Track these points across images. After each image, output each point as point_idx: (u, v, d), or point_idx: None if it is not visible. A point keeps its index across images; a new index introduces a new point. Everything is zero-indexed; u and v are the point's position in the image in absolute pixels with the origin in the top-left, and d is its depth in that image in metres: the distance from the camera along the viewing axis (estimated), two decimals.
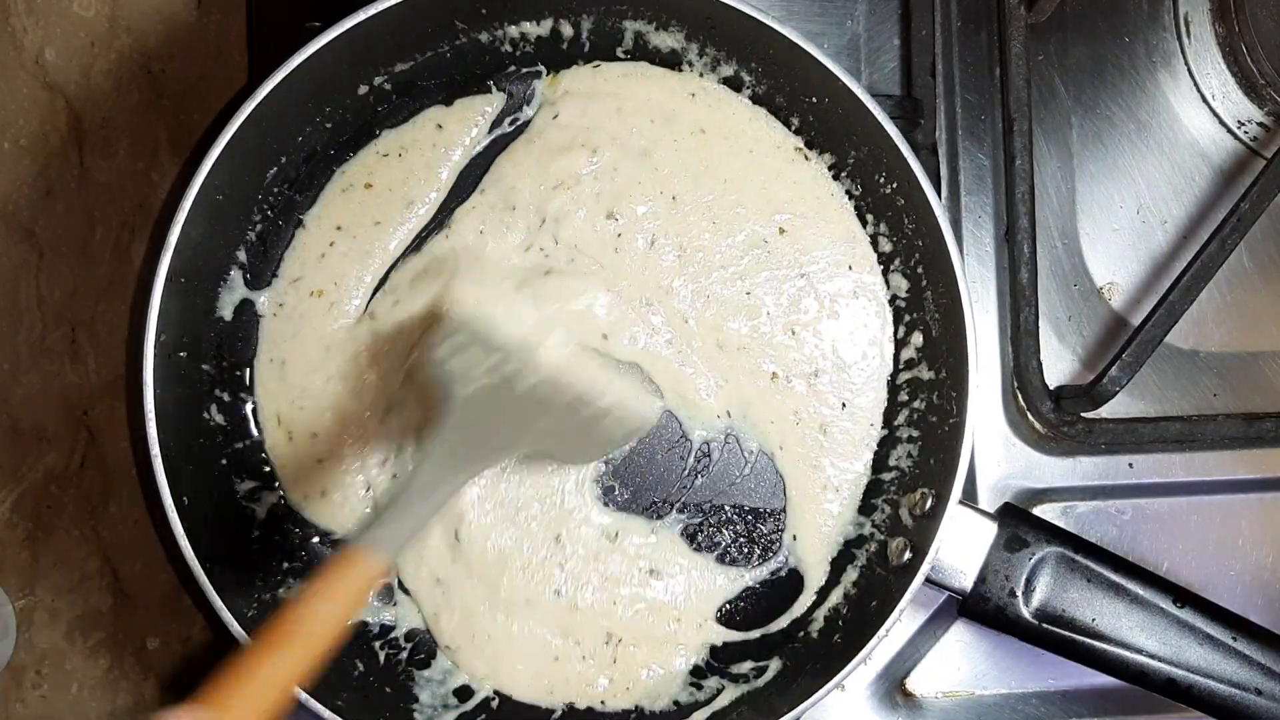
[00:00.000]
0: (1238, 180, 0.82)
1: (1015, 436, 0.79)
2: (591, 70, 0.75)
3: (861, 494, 0.74)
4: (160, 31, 0.79)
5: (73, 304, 0.77)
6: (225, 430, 0.72)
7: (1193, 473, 0.80)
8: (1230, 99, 0.83)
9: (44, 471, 0.77)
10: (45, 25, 0.78)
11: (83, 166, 0.78)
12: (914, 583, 0.65)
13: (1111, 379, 0.73)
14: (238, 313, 0.72)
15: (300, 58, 0.65)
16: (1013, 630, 0.67)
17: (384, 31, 0.68)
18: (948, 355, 0.70)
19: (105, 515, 0.77)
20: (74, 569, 0.76)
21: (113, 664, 0.77)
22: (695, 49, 0.74)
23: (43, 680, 0.76)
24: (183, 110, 0.79)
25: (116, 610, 0.77)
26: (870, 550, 0.73)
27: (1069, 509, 0.79)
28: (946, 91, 0.81)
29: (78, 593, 0.76)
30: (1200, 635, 0.66)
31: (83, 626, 0.76)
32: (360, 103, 0.73)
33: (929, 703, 0.78)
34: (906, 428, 0.73)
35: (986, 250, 0.80)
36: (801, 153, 0.74)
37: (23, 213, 0.77)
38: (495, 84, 0.75)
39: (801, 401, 0.74)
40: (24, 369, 0.77)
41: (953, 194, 0.81)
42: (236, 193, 0.70)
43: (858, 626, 0.69)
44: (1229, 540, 0.80)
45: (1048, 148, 0.81)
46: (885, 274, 0.74)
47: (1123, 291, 0.81)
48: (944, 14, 0.81)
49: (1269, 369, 0.81)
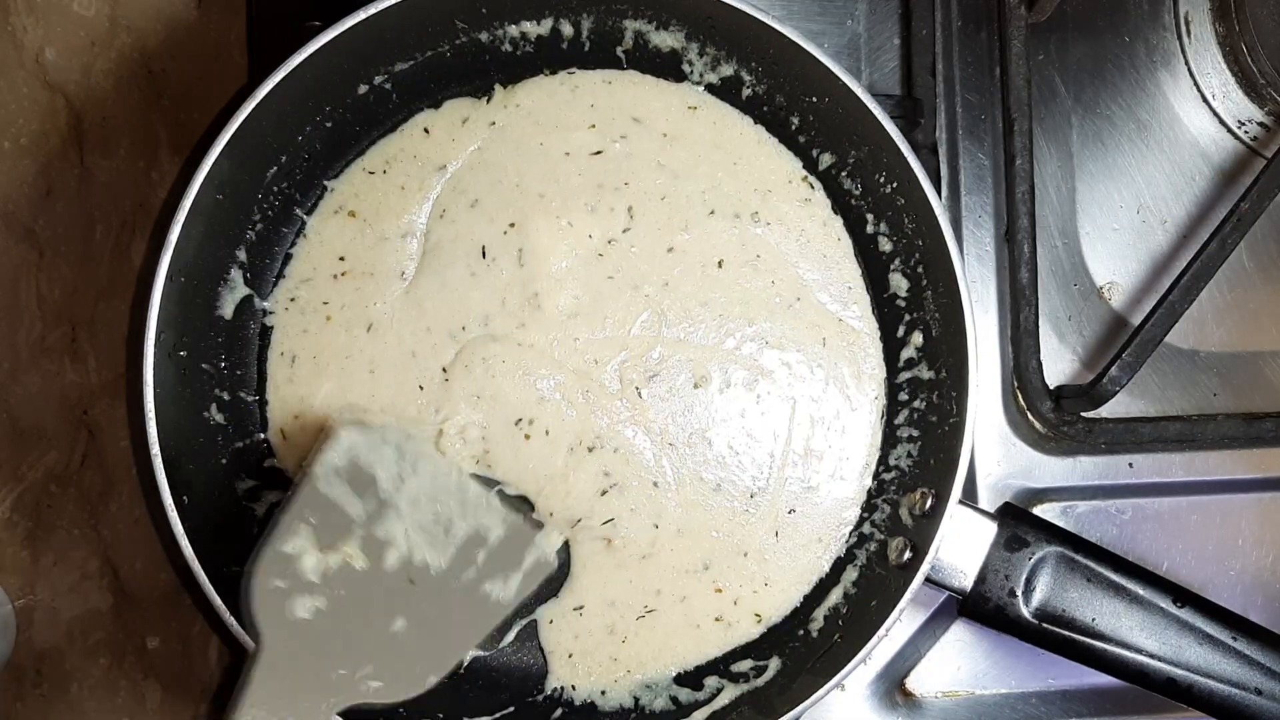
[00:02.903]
0: (1238, 180, 0.82)
1: (1015, 436, 0.79)
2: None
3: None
4: (160, 31, 0.79)
5: (73, 303, 0.77)
6: (225, 429, 0.72)
7: (1193, 472, 0.80)
8: (1230, 99, 0.83)
9: (44, 471, 0.77)
10: (45, 24, 0.78)
11: (83, 166, 0.78)
12: (914, 582, 0.65)
13: (1111, 379, 0.73)
14: (238, 312, 0.72)
15: (300, 57, 0.65)
16: (1012, 630, 0.67)
17: (384, 31, 0.68)
18: (948, 355, 0.70)
19: (105, 514, 0.77)
20: (74, 568, 0.76)
21: (113, 664, 0.77)
22: (695, 48, 0.74)
23: (43, 680, 0.76)
24: (183, 109, 0.79)
25: (116, 610, 0.77)
26: (870, 550, 0.73)
27: (1069, 509, 0.79)
28: (947, 91, 0.81)
29: (78, 592, 0.76)
30: (1200, 635, 0.66)
31: (83, 626, 0.76)
32: (360, 102, 0.73)
33: (929, 702, 0.78)
34: (906, 427, 0.73)
35: (987, 250, 0.80)
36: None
37: (23, 212, 0.77)
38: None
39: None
40: (24, 368, 0.77)
41: (953, 194, 0.81)
42: (237, 192, 0.70)
43: (858, 626, 0.69)
44: (1229, 540, 0.80)
45: (1048, 147, 0.81)
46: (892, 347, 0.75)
47: (1123, 291, 0.81)
48: (944, 13, 0.81)
49: (1269, 369, 0.81)
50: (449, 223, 0.74)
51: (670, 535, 0.73)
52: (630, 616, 0.73)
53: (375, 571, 0.62)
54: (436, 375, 0.73)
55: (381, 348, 0.73)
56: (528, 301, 0.73)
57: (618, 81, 0.75)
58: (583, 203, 0.74)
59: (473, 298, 0.73)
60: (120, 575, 0.77)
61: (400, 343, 0.73)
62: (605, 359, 0.73)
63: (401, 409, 0.72)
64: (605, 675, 0.73)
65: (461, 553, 0.64)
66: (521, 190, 0.74)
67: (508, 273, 0.73)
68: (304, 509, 0.62)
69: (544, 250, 0.73)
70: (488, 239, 0.73)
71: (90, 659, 0.76)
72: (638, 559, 0.73)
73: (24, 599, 0.76)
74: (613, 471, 0.73)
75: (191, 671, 0.77)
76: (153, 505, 0.76)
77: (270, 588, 0.60)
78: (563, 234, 0.73)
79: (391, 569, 0.63)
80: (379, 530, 0.63)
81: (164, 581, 0.77)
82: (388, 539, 0.63)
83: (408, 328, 0.73)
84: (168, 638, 0.77)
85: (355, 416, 0.69)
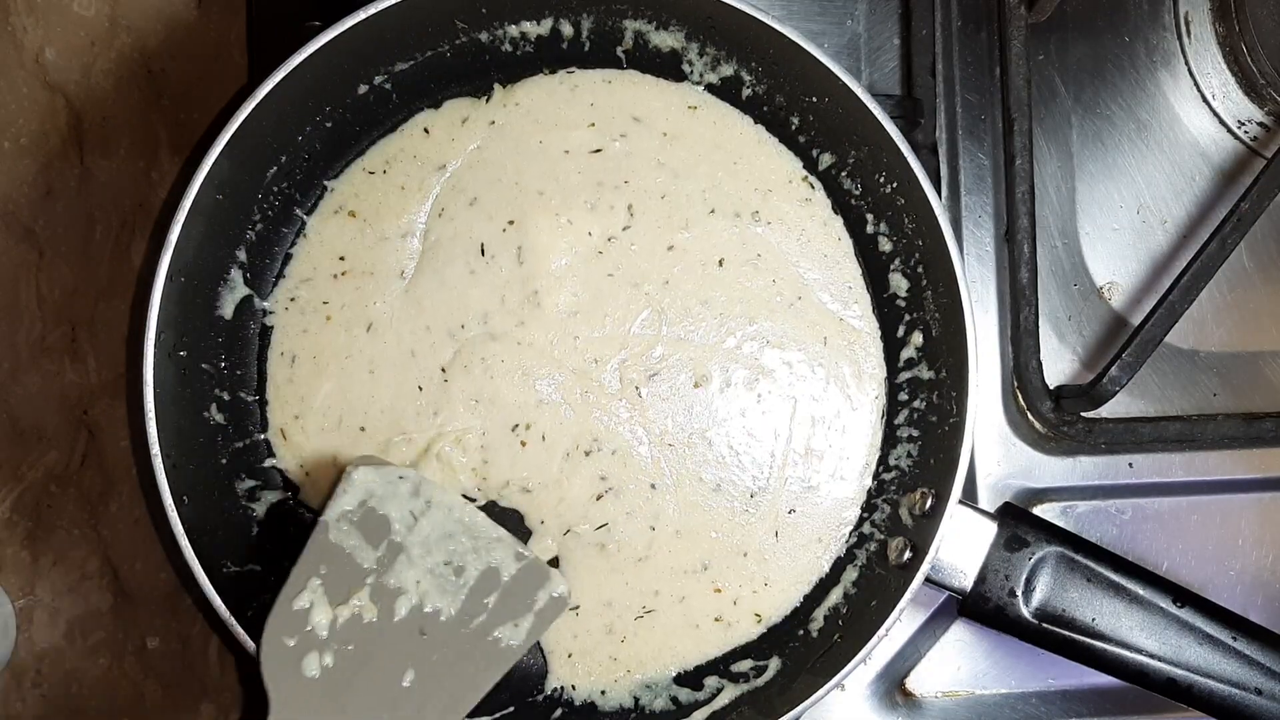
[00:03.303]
0: (1238, 180, 0.82)
1: (1015, 436, 0.79)
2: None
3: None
4: (160, 31, 0.79)
5: (73, 303, 0.77)
6: (225, 429, 0.72)
7: (1193, 472, 0.80)
8: (1230, 99, 0.83)
9: (44, 471, 0.77)
10: (45, 24, 0.78)
11: (83, 166, 0.78)
12: (914, 582, 0.65)
13: (1111, 379, 0.73)
14: (238, 312, 0.72)
15: (300, 57, 0.65)
16: (1012, 630, 0.67)
17: (384, 31, 0.68)
18: (948, 355, 0.70)
19: (105, 515, 0.77)
20: (74, 568, 0.76)
21: (113, 664, 0.76)
22: (695, 49, 0.74)
23: (43, 680, 0.76)
24: (183, 109, 0.79)
25: (116, 610, 0.77)
26: (870, 550, 0.73)
27: (1069, 508, 0.79)
28: (947, 91, 0.81)
29: (78, 592, 0.76)
30: (1200, 635, 0.66)
31: (83, 626, 0.76)
32: (360, 102, 0.73)
33: (929, 702, 0.78)
34: (906, 427, 0.73)
35: (986, 250, 0.80)
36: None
37: (23, 212, 0.77)
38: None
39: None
40: (24, 368, 0.77)
41: (953, 194, 0.81)
42: (237, 192, 0.70)
43: (858, 626, 0.69)
44: (1229, 540, 0.80)
45: (1048, 147, 0.81)
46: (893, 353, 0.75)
47: (1123, 291, 0.81)
48: (944, 13, 0.81)
49: (1269, 369, 0.81)
50: (448, 221, 0.74)
51: (668, 537, 0.73)
52: (628, 617, 0.72)
53: (385, 623, 0.63)
54: (435, 375, 0.73)
55: (381, 347, 0.73)
56: (527, 299, 0.73)
57: (617, 81, 0.75)
58: (582, 200, 0.74)
59: (472, 296, 0.73)
60: (120, 575, 0.77)
61: (400, 342, 0.73)
62: (605, 358, 0.73)
63: (401, 410, 0.72)
64: (605, 675, 0.73)
65: (473, 596, 0.64)
66: (521, 188, 0.74)
67: (507, 270, 0.73)
68: (315, 560, 0.63)
69: (543, 248, 0.73)
70: (487, 237, 0.73)
71: (90, 659, 0.76)
72: (633, 562, 0.72)
73: (24, 599, 0.76)
74: (609, 475, 0.73)
75: (191, 671, 0.77)
76: (153, 505, 0.76)
77: (280, 647, 0.61)
78: (562, 232, 0.73)
79: (402, 619, 0.63)
80: (390, 578, 0.63)
81: (164, 581, 0.77)
82: (399, 587, 0.63)
83: (407, 327, 0.73)
84: (167, 638, 0.77)
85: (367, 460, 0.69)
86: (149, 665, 0.77)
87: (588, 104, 0.75)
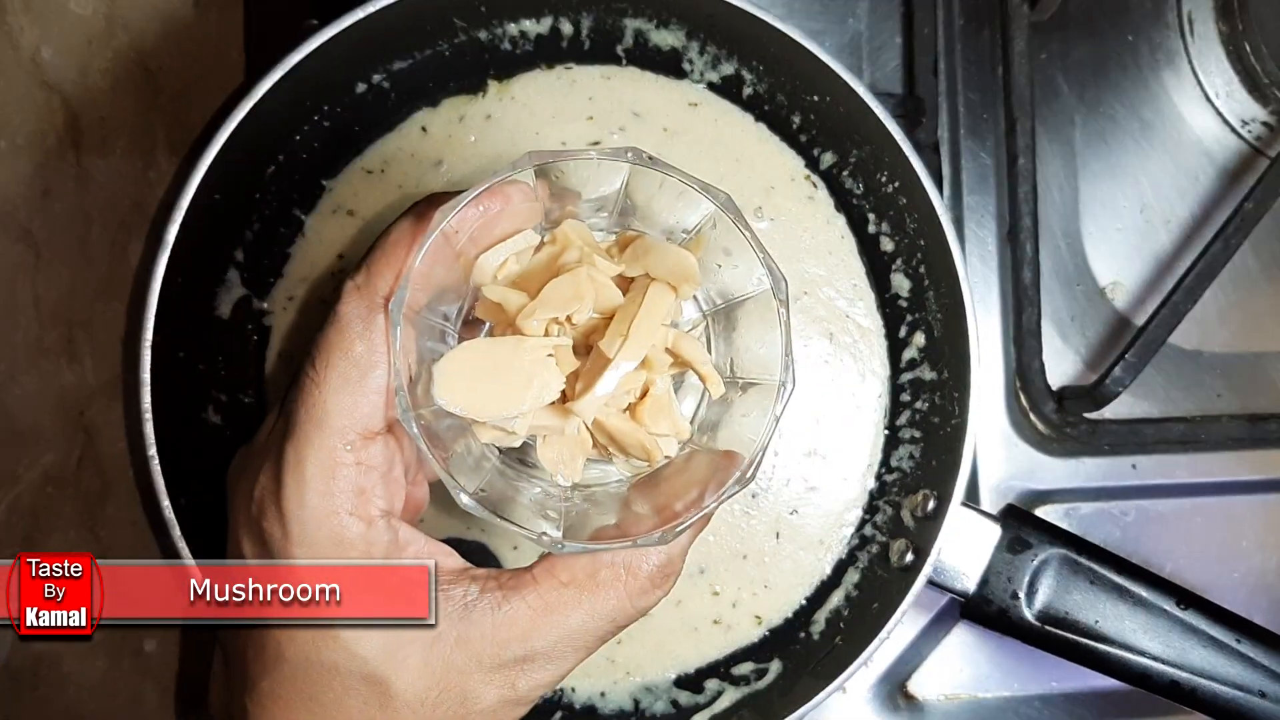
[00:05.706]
0: (1242, 179, 0.82)
1: (1018, 437, 0.79)
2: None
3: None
4: (157, 29, 0.78)
5: (69, 304, 0.77)
6: (223, 431, 0.71)
7: (1197, 474, 0.80)
8: (1234, 98, 0.83)
9: (40, 472, 0.76)
10: (42, 23, 0.77)
11: (80, 166, 0.77)
12: (916, 585, 0.65)
13: (1115, 379, 0.72)
14: (236, 312, 0.72)
15: (298, 56, 0.65)
16: (1015, 632, 0.66)
17: (382, 30, 0.68)
18: (950, 356, 0.70)
19: (102, 516, 0.76)
20: None
21: (110, 666, 0.76)
22: (696, 47, 0.73)
23: (40, 682, 0.76)
24: (180, 109, 0.78)
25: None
26: (872, 552, 0.72)
27: (1072, 510, 0.79)
28: (949, 90, 0.81)
29: None
30: (1204, 637, 0.65)
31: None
32: (358, 101, 0.73)
33: (931, 705, 0.78)
34: (908, 428, 0.73)
35: (989, 250, 0.80)
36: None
37: (19, 212, 0.77)
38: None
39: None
40: (20, 369, 0.76)
41: (955, 193, 0.80)
42: (234, 191, 0.69)
43: (859, 628, 0.68)
44: (1233, 542, 0.79)
45: (1050, 147, 0.81)
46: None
47: (1126, 291, 0.81)
48: (946, 12, 0.81)
49: (1274, 369, 0.81)
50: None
51: None
52: None
53: None
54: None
55: None
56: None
57: (616, 77, 0.75)
58: None
59: None
60: None
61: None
62: None
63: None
64: (604, 677, 0.72)
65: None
66: None
67: None
68: None
69: None
70: None
71: (88, 661, 0.76)
72: None
73: None
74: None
75: (190, 674, 0.77)
76: (150, 507, 0.75)
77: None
78: None
79: None
80: None
81: None
82: None
83: None
84: (165, 640, 0.77)
85: None
86: (146, 667, 0.76)
87: (586, 98, 0.74)
